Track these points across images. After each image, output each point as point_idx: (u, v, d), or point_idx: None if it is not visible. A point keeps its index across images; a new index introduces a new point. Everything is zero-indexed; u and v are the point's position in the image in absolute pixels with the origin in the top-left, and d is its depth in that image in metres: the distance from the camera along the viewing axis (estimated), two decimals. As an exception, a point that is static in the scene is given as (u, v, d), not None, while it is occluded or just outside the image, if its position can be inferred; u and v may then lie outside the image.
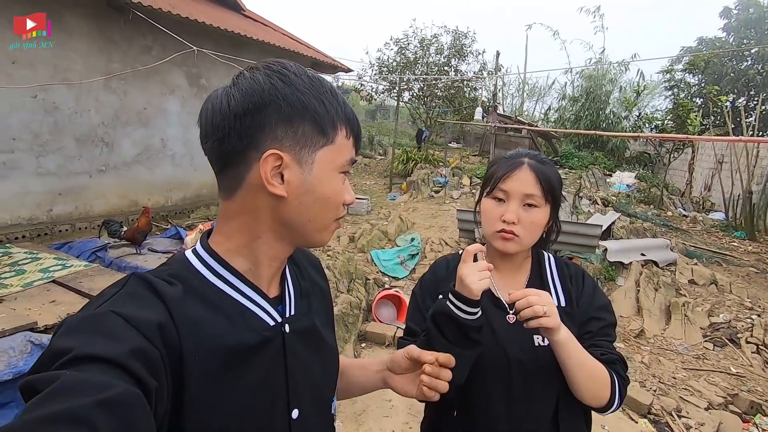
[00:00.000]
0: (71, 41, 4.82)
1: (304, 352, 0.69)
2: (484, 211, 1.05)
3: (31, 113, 4.56)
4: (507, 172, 1.00)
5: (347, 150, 0.66)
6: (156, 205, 5.90)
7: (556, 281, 1.08)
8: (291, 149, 0.60)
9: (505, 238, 1.00)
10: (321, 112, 0.61)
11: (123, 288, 0.57)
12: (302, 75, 0.62)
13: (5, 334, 2.41)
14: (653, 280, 4.93)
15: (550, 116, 16.91)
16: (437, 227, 6.63)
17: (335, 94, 0.64)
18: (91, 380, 0.42)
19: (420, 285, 1.16)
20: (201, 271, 0.63)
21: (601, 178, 10.24)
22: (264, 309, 0.65)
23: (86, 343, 0.46)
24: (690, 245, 6.55)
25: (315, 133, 0.61)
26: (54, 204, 4.84)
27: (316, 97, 0.61)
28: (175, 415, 0.53)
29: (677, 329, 4.31)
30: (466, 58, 14.18)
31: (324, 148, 0.62)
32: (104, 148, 5.26)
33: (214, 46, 5.59)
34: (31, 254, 3.79)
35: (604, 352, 0.99)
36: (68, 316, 0.54)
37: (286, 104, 0.59)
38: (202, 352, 0.56)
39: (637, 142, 12.98)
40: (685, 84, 12.20)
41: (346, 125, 0.65)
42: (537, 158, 1.03)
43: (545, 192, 0.99)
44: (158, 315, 0.54)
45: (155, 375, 0.49)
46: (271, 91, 0.59)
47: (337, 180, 0.65)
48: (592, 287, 1.09)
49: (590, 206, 7.70)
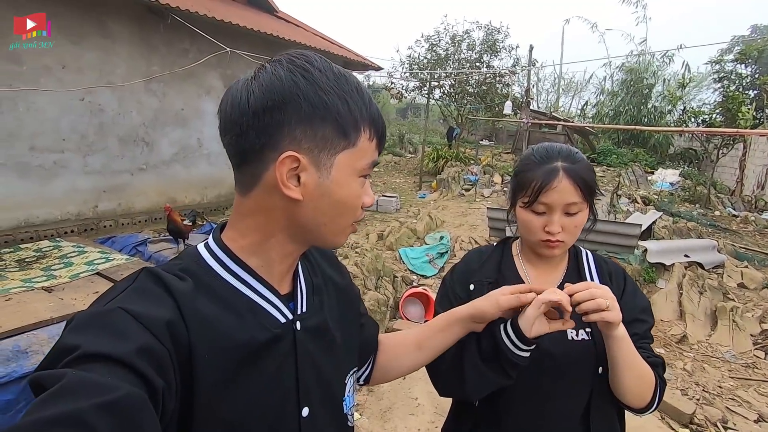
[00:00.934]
0: (115, 46, 5.08)
1: (315, 350, 0.68)
2: (523, 222, 1.01)
3: (79, 115, 4.84)
4: (544, 183, 0.94)
5: (369, 153, 0.63)
6: (192, 202, 6.13)
7: (595, 277, 1.04)
8: (309, 151, 0.58)
9: (551, 246, 0.98)
10: (343, 113, 0.59)
11: (133, 283, 0.56)
12: (327, 71, 0.59)
13: (53, 321, 2.56)
14: (698, 283, 4.65)
15: (588, 112, 16.31)
16: (467, 226, 6.53)
17: (361, 92, 0.61)
18: (95, 381, 0.41)
19: (451, 273, 1.14)
20: (213, 267, 0.62)
21: (642, 176, 9.78)
22: (275, 306, 0.64)
23: (93, 341, 0.45)
24: (740, 247, 6.14)
25: (336, 135, 0.59)
26: (99, 201, 5.12)
27: (339, 96, 0.59)
28: (186, 413, 0.53)
29: (724, 335, 4.05)
30: (499, 53, 13.89)
31: (345, 151, 0.60)
32: (145, 147, 5.52)
33: (248, 48, 5.74)
34: (78, 248, 4.03)
35: (648, 355, 0.96)
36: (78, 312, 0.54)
37: (307, 104, 0.57)
38: (212, 349, 0.55)
39: (682, 138, 12.30)
40: (737, 75, 11.44)
41: (371, 126, 0.62)
42: (570, 158, 0.97)
43: (585, 195, 0.96)
44: (167, 312, 0.53)
45: (163, 374, 0.48)
46: (292, 89, 0.57)
47: (355, 184, 0.63)
48: (634, 287, 1.05)
49: (629, 205, 7.37)
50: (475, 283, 1.05)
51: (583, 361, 0.94)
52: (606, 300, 0.81)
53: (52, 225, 4.70)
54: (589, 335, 0.96)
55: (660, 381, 0.94)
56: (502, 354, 0.86)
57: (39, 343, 2.42)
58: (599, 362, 0.94)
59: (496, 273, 1.06)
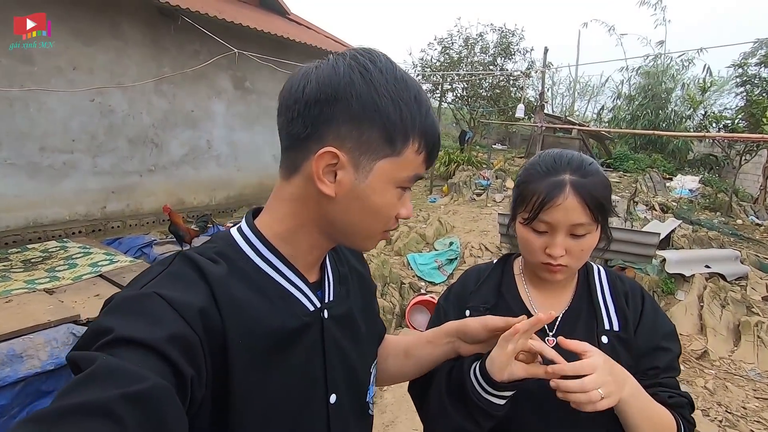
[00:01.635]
0: (127, 48, 5.10)
1: (341, 338, 0.69)
2: (522, 240, 0.89)
3: (89, 116, 4.86)
4: (547, 199, 0.81)
5: (414, 165, 0.61)
6: (200, 204, 6.12)
7: (608, 299, 0.91)
8: (351, 151, 0.58)
9: (552, 271, 0.86)
10: (394, 120, 0.57)
11: (169, 267, 0.57)
12: (387, 73, 0.58)
13: (51, 325, 2.52)
14: (719, 296, 4.44)
15: (604, 116, 15.98)
16: (477, 231, 6.39)
17: (419, 102, 0.59)
18: (124, 370, 0.42)
19: (446, 296, 1.03)
20: (246, 251, 0.62)
21: (660, 182, 9.50)
22: (305, 294, 0.64)
23: (127, 325, 0.46)
24: (764, 258, 5.88)
25: (381, 140, 0.58)
26: (108, 201, 5.13)
27: (393, 101, 0.57)
28: (222, 399, 0.53)
29: (748, 352, 3.84)
30: (513, 56, 13.71)
31: (387, 158, 0.59)
32: (154, 148, 5.52)
33: (258, 50, 5.71)
34: (84, 249, 4.02)
35: (672, 394, 0.83)
36: (116, 293, 0.54)
37: (358, 103, 0.56)
38: (245, 335, 0.56)
39: (702, 144, 11.95)
40: (761, 79, 11.06)
41: (421, 139, 0.60)
42: (580, 170, 0.83)
43: (595, 215, 0.82)
44: (202, 298, 0.53)
45: (193, 362, 0.49)
46: (347, 85, 0.56)
47: (392, 194, 0.61)
48: (654, 309, 0.92)
49: (647, 212, 7.14)
50: (471, 308, 0.93)
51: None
52: (599, 390, 0.68)
53: (61, 225, 4.72)
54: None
55: (685, 424, 0.82)
56: (467, 394, 0.74)
57: (35, 347, 2.38)
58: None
59: (495, 296, 0.95)
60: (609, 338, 0.87)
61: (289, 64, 5.67)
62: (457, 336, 0.82)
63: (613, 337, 0.87)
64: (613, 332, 0.88)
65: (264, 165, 7.01)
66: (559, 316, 0.91)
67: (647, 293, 0.95)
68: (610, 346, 0.86)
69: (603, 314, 0.89)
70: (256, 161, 6.87)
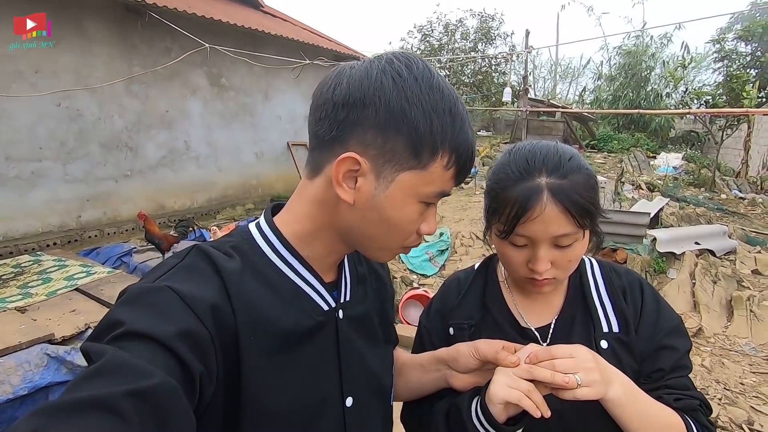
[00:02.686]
0: (92, 47, 4.85)
1: (358, 340, 0.67)
2: (501, 255, 0.78)
3: (57, 121, 4.62)
4: (522, 211, 0.69)
5: (441, 181, 0.58)
6: (182, 207, 5.93)
7: (605, 298, 0.82)
8: (374, 159, 0.56)
9: (538, 285, 0.76)
10: (422, 131, 0.54)
11: (183, 260, 0.56)
12: (423, 80, 0.55)
13: (22, 347, 2.37)
14: (711, 272, 4.46)
15: (586, 98, 16.03)
16: (467, 220, 6.33)
17: (455, 115, 0.56)
18: (131, 365, 0.42)
19: (426, 314, 0.93)
20: (262, 248, 0.61)
21: (645, 161, 9.57)
22: (319, 293, 0.63)
23: (138, 319, 0.47)
24: (750, 231, 5.94)
25: (407, 151, 0.55)
26: (83, 210, 4.91)
27: (425, 111, 0.54)
28: (234, 396, 0.53)
29: (742, 327, 3.86)
30: (494, 41, 13.63)
31: (411, 171, 0.56)
32: (129, 152, 5.30)
33: (233, 44, 5.50)
34: (59, 261, 3.82)
35: (679, 396, 0.74)
36: (131, 284, 0.54)
37: (386, 110, 0.54)
38: (257, 331, 0.55)
39: (683, 120, 12.06)
40: (738, 54, 11.17)
41: (451, 154, 0.56)
42: (558, 170, 0.71)
43: (580, 222, 0.71)
44: (214, 293, 0.53)
45: (203, 358, 0.48)
46: (376, 90, 0.54)
47: (412, 208, 0.58)
48: (656, 302, 0.82)
49: (634, 192, 7.16)
50: (455, 326, 0.84)
51: (596, 414, 0.72)
52: (576, 375, 0.62)
53: (33, 238, 4.50)
54: None
55: (698, 427, 0.72)
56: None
57: (5, 371, 2.23)
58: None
59: (479, 311, 0.85)
60: (609, 342, 0.78)
61: (265, 57, 5.48)
62: (449, 364, 0.77)
63: (613, 341, 0.78)
64: (612, 335, 0.79)
65: (246, 164, 6.82)
66: (551, 324, 0.82)
67: (647, 284, 0.86)
68: (611, 350, 0.78)
69: (600, 316, 0.80)
70: (238, 160, 6.67)
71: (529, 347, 0.69)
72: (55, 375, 2.35)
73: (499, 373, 0.67)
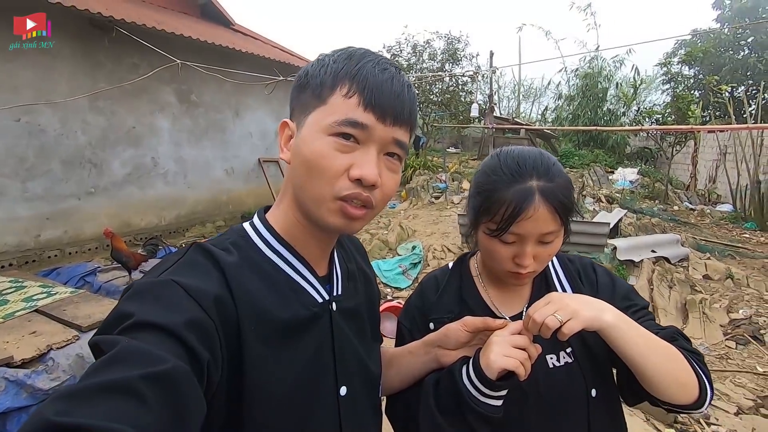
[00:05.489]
0: (55, 63, 4.73)
1: (350, 332, 0.69)
2: (488, 251, 0.84)
3: (15, 137, 4.45)
4: (517, 211, 0.76)
5: (342, 109, 0.58)
6: (149, 225, 5.77)
7: (564, 283, 0.92)
8: (296, 117, 0.63)
9: (520, 277, 0.83)
10: (322, 76, 0.60)
11: (184, 256, 0.58)
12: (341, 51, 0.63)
13: (-22, 372, 2.23)
14: (666, 278, 4.73)
15: (548, 116, 16.78)
16: (439, 234, 6.45)
17: (351, 55, 0.61)
18: (145, 351, 0.43)
19: (405, 313, 0.97)
20: (257, 244, 0.64)
21: (603, 176, 10.06)
22: (313, 285, 0.66)
23: (147, 310, 0.48)
24: (701, 239, 6.35)
25: (312, 98, 0.61)
26: (42, 229, 4.70)
27: (327, 64, 0.61)
28: (236, 387, 0.54)
29: (696, 328, 4.11)
30: (460, 62, 14.13)
31: (316, 110, 0.60)
32: (93, 169, 5.14)
33: (203, 61, 5.49)
34: (16, 283, 3.63)
35: (657, 330, 0.79)
36: (135, 280, 0.56)
37: (305, 77, 0.62)
38: (256, 321, 0.57)
39: (637, 138, 12.82)
40: (683, 77, 12.07)
41: (351, 83, 0.59)
42: (547, 174, 0.78)
43: (563, 220, 0.80)
44: (216, 286, 0.55)
45: (209, 347, 0.50)
46: (306, 68, 0.64)
47: (321, 142, 0.58)
48: (608, 276, 0.92)
49: (595, 204, 7.51)
50: (435, 321, 0.89)
51: (571, 388, 0.81)
52: (556, 315, 0.68)
53: (-13, 259, 4.26)
54: (571, 356, 0.84)
55: (690, 354, 0.75)
56: (464, 402, 0.71)
57: (-40, 400, 2.10)
58: (590, 384, 0.81)
59: (458, 304, 0.91)
60: None
61: (236, 74, 5.49)
62: (439, 344, 0.81)
63: None
64: None
65: (216, 180, 6.72)
66: (523, 311, 0.90)
67: (597, 264, 0.96)
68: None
69: None
70: (207, 177, 6.58)
71: (516, 325, 0.74)
72: (14, 400, 2.22)
73: (494, 343, 0.71)
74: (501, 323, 0.75)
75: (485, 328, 0.76)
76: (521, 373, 0.69)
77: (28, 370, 2.35)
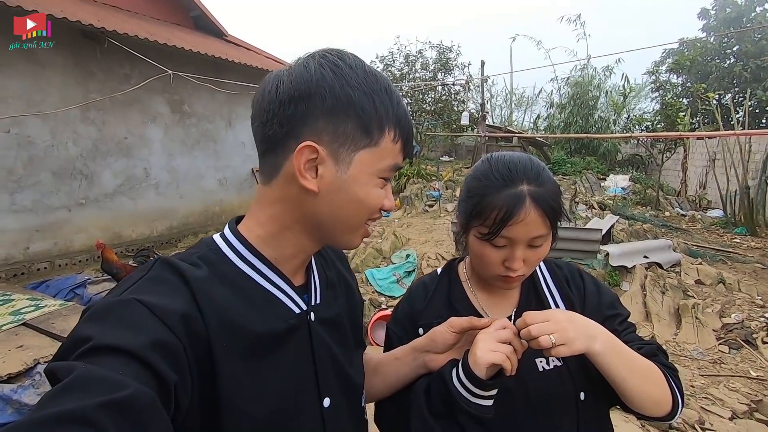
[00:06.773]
0: (45, 73, 4.71)
1: (330, 342, 0.68)
2: (478, 255, 0.85)
3: (5, 149, 4.41)
4: (508, 215, 0.77)
5: (392, 155, 0.61)
6: (140, 236, 5.72)
7: (552, 288, 0.92)
8: (329, 144, 0.58)
9: (509, 281, 0.84)
10: (368, 111, 0.58)
11: (148, 273, 0.55)
12: (357, 68, 0.59)
13: (-38, 388, 2.19)
14: (659, 283, 4.75)
15: (540, 125, 16.95)
16: (433, 242, 6.45)
17: (390, 93, 0.60)
18: (103, 378, 0.41)
19: (394, 319, 0.96)
20: (228, 256, 0.62)
21: (596, 183, 10.16)
22: (289, 296, 0.64)
23: (106, 333, 0.45)
24: (692, 245, 6.40)
25: (358, 132, 0.58)
26: (31, 241, 4.64)
27: (366, 93, 0.58)
28: (211, 407, 0.52)
29: (689, 333, 4.11)
30: (452, 71, 14.28)
31: (366, 149, 0.59)
32: (83, 180, 5.10)
33: (196, 72, 5.50)
34: (4, 296, 3.58)
35: (640, 346, 0.83)
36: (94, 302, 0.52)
37: (332, 97, 0.57)
38: (229, 338, 0.54)
39: (628, 145, 12.98)
40: (671, 85, 12.28)
41: (396, 128, 0.61)
42: (537, 179, 0.80)
43: (553, 224, 0.81)
44: (183, 302, 0.52)
45: (176, 368, 0.47)
46: (319, 81, 0.57)
47: (373, 184, 0.61)
48: (594, 284, 0.94)
49: (587, 211, 7.57)
50: (424, 326, 0.89)
51: (560, 392, 0.81)
52: (551, 336, 0.68)
53: (-26, 272, 4.19)
54: (561, 360, 0.84)
55: (667, 371, 0.80)
56: (455, 404, 0.71)
57: (-58, 416, 2.05)
58: (579, 388, 0.82)
59: (447, 309, 0.91)
60: None
61: (228, 84, 5.51)
62: (427, 348, 0.80)
63: None
64: None
65: (208, 191, 6.70)
66: (512, 315, 0.90)
67: (585, 272, 0.97)
68: None
69: (551, 303, 0.90)
70: (199, 188, 6.55)
71: (500, 321, 0.75)
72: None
73: (480, 340, 0.72)
74: (486, 321, 0.75)
75: (471, 327, 0.76)
76: (507, 366, 0.69)
77: (15, 385, 2.30)
